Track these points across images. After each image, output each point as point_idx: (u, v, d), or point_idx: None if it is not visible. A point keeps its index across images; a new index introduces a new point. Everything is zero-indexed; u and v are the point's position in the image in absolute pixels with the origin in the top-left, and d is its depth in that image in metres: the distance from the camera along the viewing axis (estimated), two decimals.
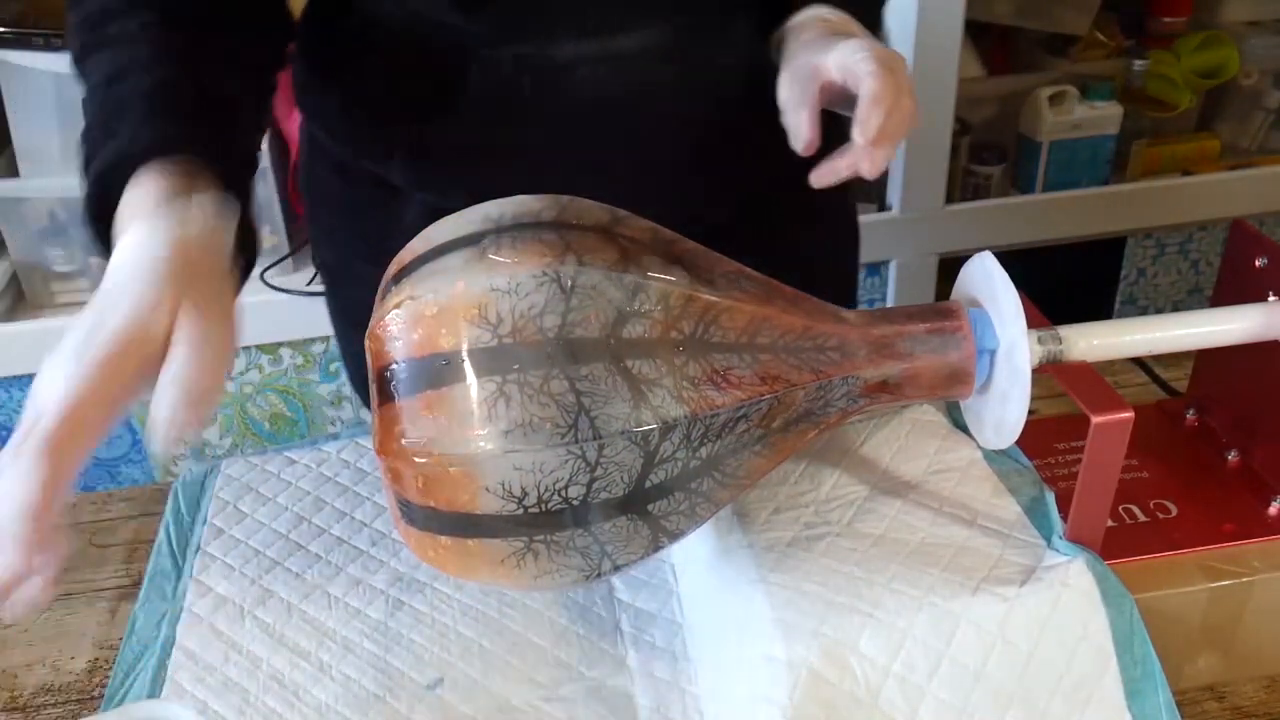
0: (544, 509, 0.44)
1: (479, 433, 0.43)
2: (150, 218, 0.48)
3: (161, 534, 0.66)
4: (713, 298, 0.46)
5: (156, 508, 0.73)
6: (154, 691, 0.56)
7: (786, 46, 0.61)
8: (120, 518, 0.73)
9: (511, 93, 0.66)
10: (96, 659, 0.62)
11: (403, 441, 0.45)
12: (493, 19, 0.64)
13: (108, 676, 0.59)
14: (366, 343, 0.47)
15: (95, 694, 0.59)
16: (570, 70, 0.65)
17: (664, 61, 0.66)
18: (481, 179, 0.69)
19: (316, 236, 0.84)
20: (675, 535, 0.47)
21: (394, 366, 0.45)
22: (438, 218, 0.73)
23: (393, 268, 0.48)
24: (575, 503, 0.44)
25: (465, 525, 0.45)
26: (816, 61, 0.57)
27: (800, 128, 0.56)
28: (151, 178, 0.50)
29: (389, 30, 0.67)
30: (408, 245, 0.49)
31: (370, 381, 0.48)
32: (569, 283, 0.43)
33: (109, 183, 0.50)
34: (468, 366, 0.43)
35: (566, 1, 0.64)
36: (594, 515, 0.45)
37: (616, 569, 0.47)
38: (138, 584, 0.64)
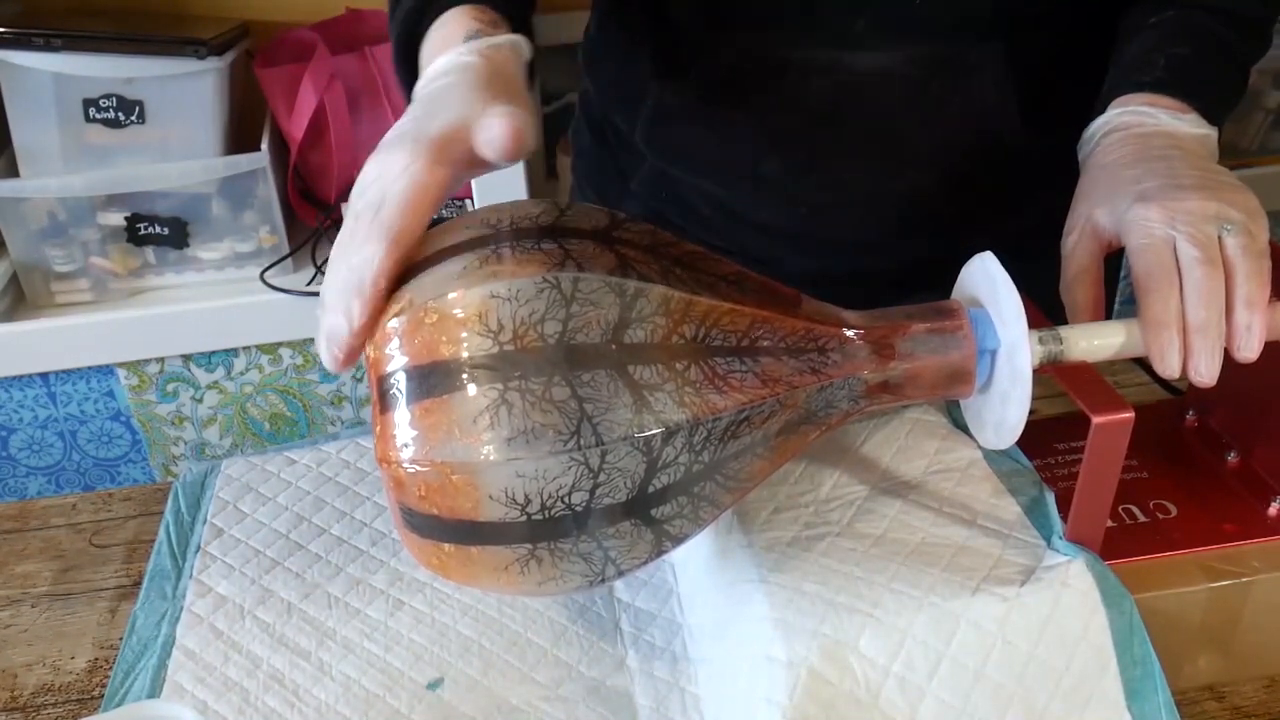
0: (547, 515, 0.44)
1: (481, 440, 0.43)
2: (458, 46, 0.52)
3: (162, 534, 0.66)
4: (713, 301, 0.46)
5: (157, 507, 0.73)
6: (154, 691, 0.56)
7: (1090, 161, 0.57)
8: (120, 517, 0.73)
9: (742, 80, 0.68)
10: (96, 659, 0.62)
11: (404, 450, 0.45)
12: (744, 5, 0.67)
13: (108, 676, 0.59)
14: (366, 351, 0.47)
15: (95, 694, 0.59)
16: (798, 74, 0.67)
17: (895, 88, 0.66)
18: (703, 158, 0.74)
19: (574, 185, 0.91)
20: (678, 539, 0.47)
21: (394, 375, 0.45)
22: (662, 185, 0.73)
23: None
24: (578, 509, 0.44)
25: (468, 533, 0.45)
26: (1102, 226, 0.53)
27: (1075, 307, 0.53)
28: (455, 19, 0.54)
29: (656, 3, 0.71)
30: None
31: (370, 390, 0.48)
32: (569, 289, 0.43)
33: (415, 25, 0.55)
34: (468, 374, 0.43)
35: (808, 8, 0.65)
36: (597, 521, 0.45)
37: (620, 574, 0.47)
38: (138, 584, 0.64)
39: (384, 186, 0.45)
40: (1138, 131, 0.55)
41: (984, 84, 0.66)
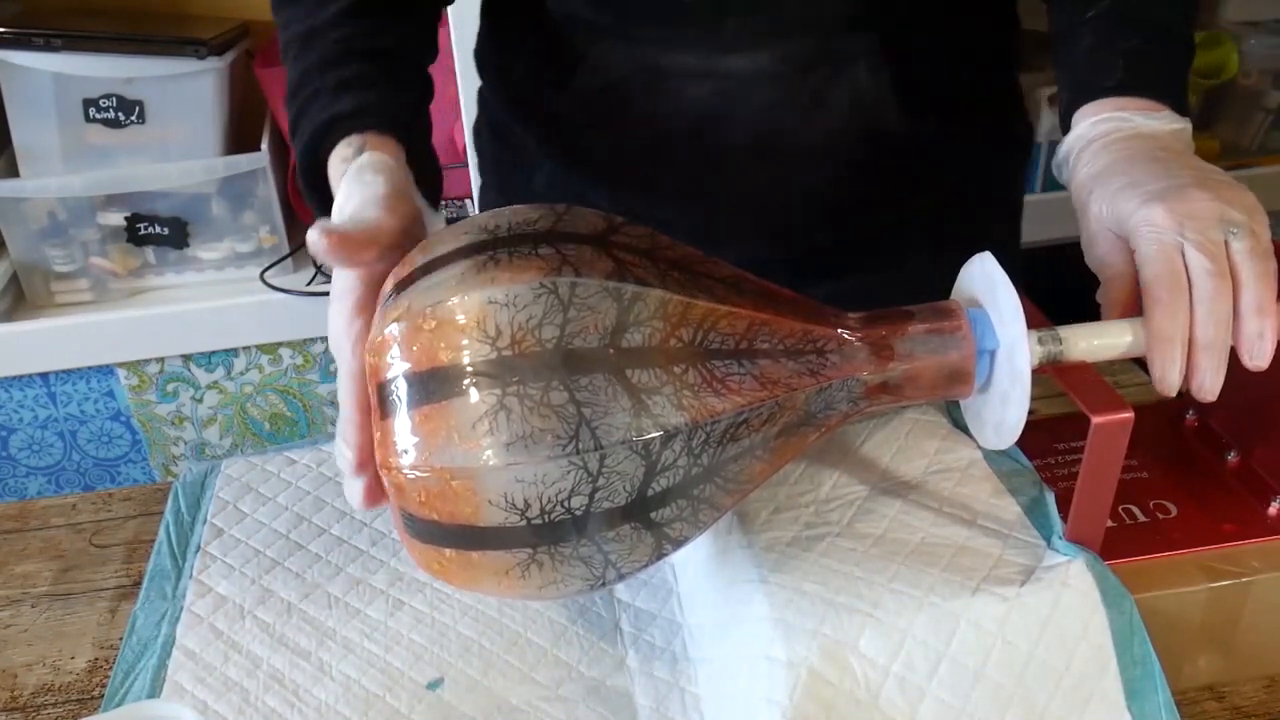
0: (547, 520, 0.44)
1: (480, 446, 0.43)
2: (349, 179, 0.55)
3: (162, 534, 0.66)
4: (711, 304, 0.46)
5: (157, 507, 0.73)
6: (154, 691, 0.56)
7: (1077, 174, 0.56)
8: (120, 517, 0.73)
9: (624, 89, 0.69)
10: (96, 659, 0.62)
11: (404, 456, 0.45)
12: (614, 14, 0.67)
13: (108, 676, 0.59)
14: (366, 356, 0.48)
15: (95, 694, 0.59)
16: (675, 80, 0.67)
17: (772, 87, 0.67)
18: (597, 162, 0.74)
19: (480, 190, 0.91)
20: (679, 542, 0.47)
21: (393, 381, 0.45)
22: (562, 187, 0.74)
23: (390, 280, 0.48)
24: (578, 513, 0.44)
25: (468, 538, 0.45)
26: (1114, 230, 0.52)
27: (1110, 306, 0.52)
28: (338, 153, 0.57)
29: (538, 6, 0.72)
30: (405, 257, 0.49)
31: (370, 396, 0.48)
32: (566, 294, 0.43)
33: (314, 157, 0.58)
34: (467, 380, 0.43)
35: (677, 13, 0.65)
36: (597, 525, 0.45)
37: (621, 577, 0.47)
38: (138, 584, 0.64)
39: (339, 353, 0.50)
40: (1117, 137, 0.55)
41: (858, 76, 0.67)
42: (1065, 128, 0.58)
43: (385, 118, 0.57)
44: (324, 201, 0.59)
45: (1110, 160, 0.54)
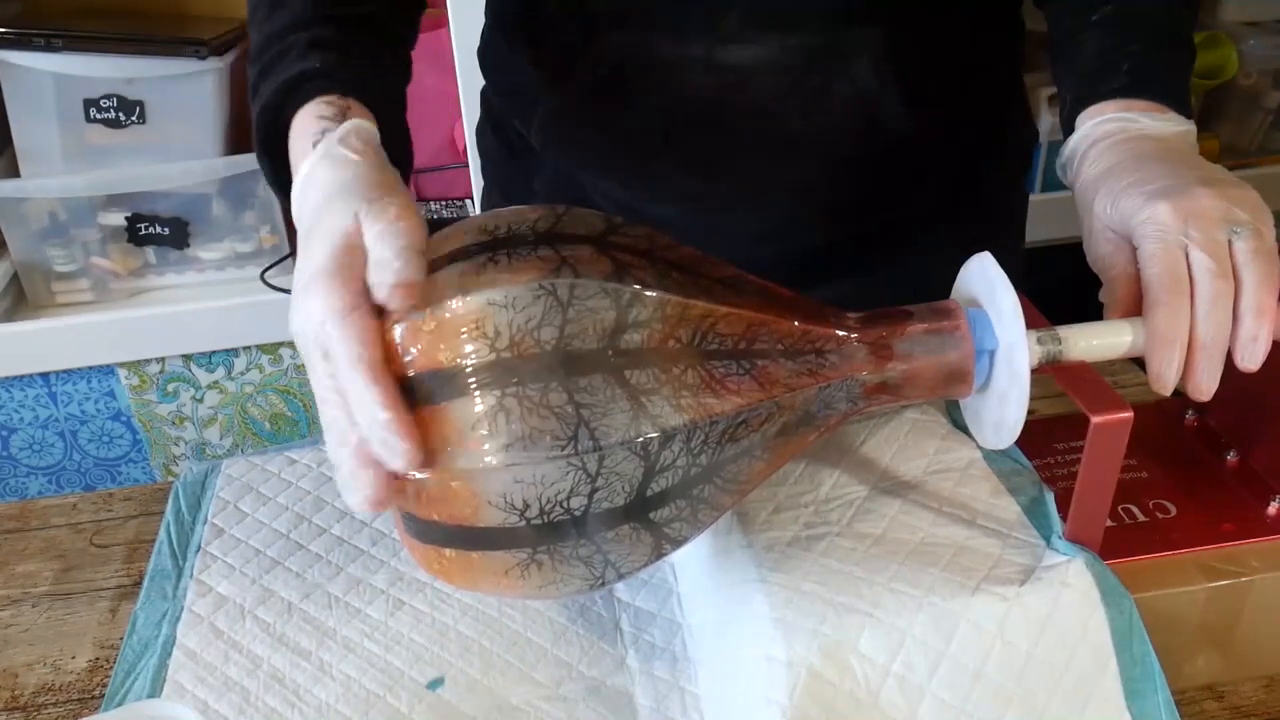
0: (546, 520, 0.44)
1: (479, 447, 0.43)
2: (309, 155, 0.50)
3: (162, 534, 0.66)
4: (710, 304, 0.46)
5: (157, 507, 0.73)
6: (154, 691, 0.56)
7: (1081, 175, 0.56)
8: (121, 517, 0.73)
9: (624, 80, 0.68)
10: (97, 659, 0.62)
11: None
12: (616, 2, 0.67)
13: (108, 676, 0.59)
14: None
15: (95, 694, 0.59)
16: (676, 72, 0.67)
17: (774, 80, 0.66)
18: (597, 156, 0.74)
19: (482, 191, 0.90)
20: (678, 542, 0.47)
21: None
22: (564, 186, 0.74)
23: None
24: (577, 513, 0.44)
25: (468, 538, 0.45)
26: (1118, 230, 0.52)
27: (1113, 306, 0.52)
28: (302, 119, 0.52)
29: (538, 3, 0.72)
30: None
31: None
32: (565, 295, 0.43)
33: (272, 126, 0.54)
34: (466, 381, 0.43)
35: (680, 3, 0.65)
36: (596, 525, 0.45)
37: (620, 577, 0.47)
38: (138, 584, 0.64)
39: (322, 342, 0.43)
40: (1123, 137, 0.55)
41: (861, 70, 0.66)
42: (1068, 130, 0.59)
43: (359, 85, 0.54)
44: (276, 169, 0.55)
45: (1116, 160, 0.54)
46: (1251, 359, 0.47)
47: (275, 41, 0.55)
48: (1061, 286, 0.76)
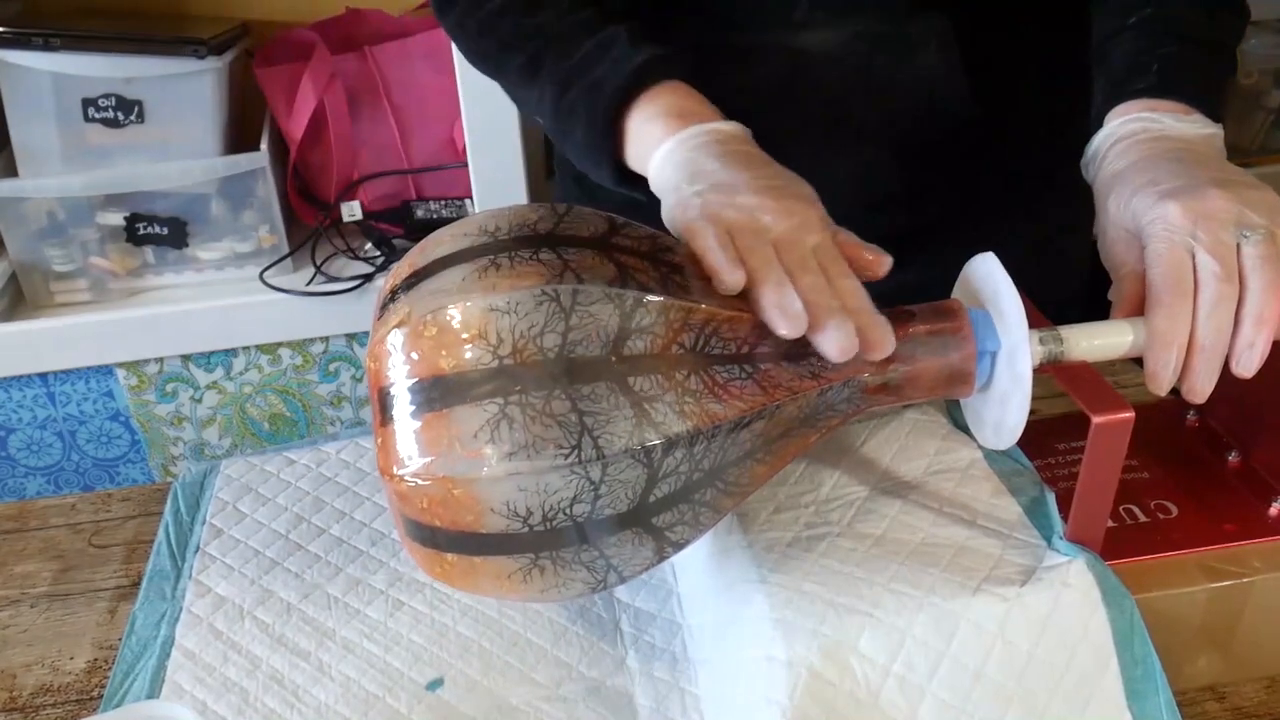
0: (549, 527, 0.44)
1: (482, 455, 0.43)
2: (679, 133, 0.54)
3: (161, 534, 0.66)
4: (713, 308, 0.45)
5: (156, 508, 0.73)
6: (153, 691, 0.56)
7: (1101, 171, 0.56)
8: (120, 518, 0.73)
9: (707, 70, 0.69)
10: (96, 659, 0.62)
11: (406, 464, 0.45)
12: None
13: (107, 676, 0.59)
14: (366, 362, 0.47)
15: (95, 694, 0.59)
16: (747, 59, 0.68)
17: (843, 66, 0.67)
18: None
19: (558, 179, 0.91)
20: (680, 545, 0.47)
21: (395, 388, 0.45)
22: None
23: (390, 281, 0.48)
24: (580, 520, 0.44)
25: (471, 544, 0.45)
26: (1129, 228, 0.52)
27: (1121, 302, 0.53)
28: (665, 100, 0.57)
29: None
30: (404, 258, 0.49)
31: (371, 402, 0.48)
32: (568, 301, 0.43)
33: (620, 100, 0.57)
34: (469, 388, 0.43)
35: None
36: (598, 531, 0.45)
37: (622, 580, 0.47)
38: (137, 584, 0.64)
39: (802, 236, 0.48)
40: (1144, 137, 0.55)
41: (929, 57, 0.67)
42: (1095, 128, 0.59)
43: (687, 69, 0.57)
44: (617, 162, 0.57)
45: (1134, 159, 0.54)
46: (1246, 366, 0.47)
47: (575, 44, 0.59)
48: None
